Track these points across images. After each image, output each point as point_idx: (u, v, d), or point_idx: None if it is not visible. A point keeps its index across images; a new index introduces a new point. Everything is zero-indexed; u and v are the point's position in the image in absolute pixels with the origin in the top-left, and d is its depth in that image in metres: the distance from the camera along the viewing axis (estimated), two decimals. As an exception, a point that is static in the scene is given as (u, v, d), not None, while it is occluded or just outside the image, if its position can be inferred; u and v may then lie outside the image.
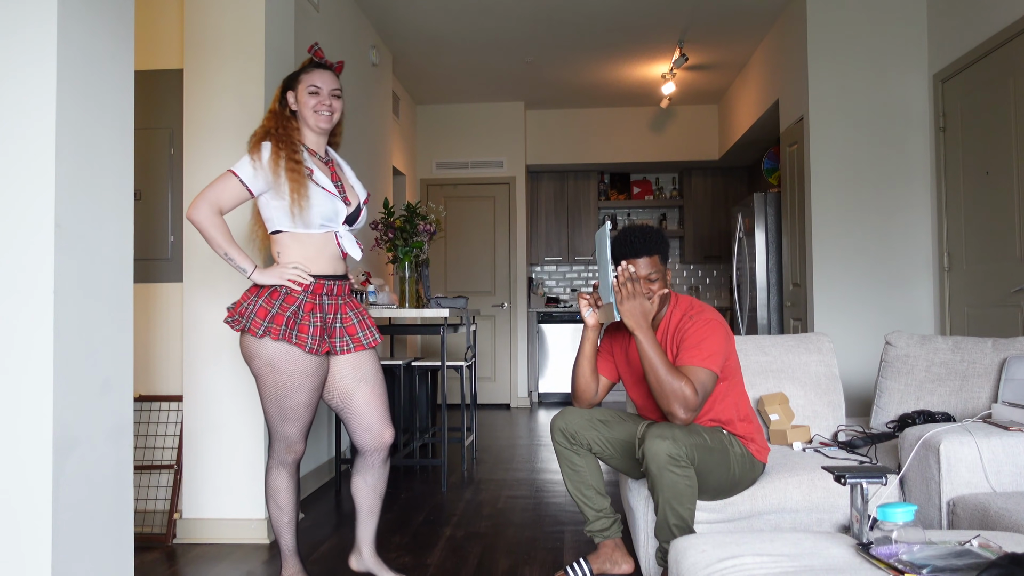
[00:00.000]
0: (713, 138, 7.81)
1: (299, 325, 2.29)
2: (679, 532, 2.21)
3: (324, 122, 2.42)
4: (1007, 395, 2.64)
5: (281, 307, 2.29)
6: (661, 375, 2.25)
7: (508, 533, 3.28)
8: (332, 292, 2.39)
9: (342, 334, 2.40)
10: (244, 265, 2.32)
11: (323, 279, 2.36)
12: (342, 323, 2.41)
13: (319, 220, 2.33)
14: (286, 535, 2.50)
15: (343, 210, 2.38)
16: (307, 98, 2.40)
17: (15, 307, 1.84)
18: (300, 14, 3.97)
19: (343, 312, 2.42)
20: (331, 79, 2.44)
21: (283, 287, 2.31)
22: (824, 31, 4.78)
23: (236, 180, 2.32)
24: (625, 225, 8.30)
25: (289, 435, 2.41)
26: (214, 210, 2.31)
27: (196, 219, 2.30)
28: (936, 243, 4.55)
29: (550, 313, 7.78)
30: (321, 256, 2.37)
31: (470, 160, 7.63)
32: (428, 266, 4.55)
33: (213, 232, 2.30)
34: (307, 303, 2.32)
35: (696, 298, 2.81)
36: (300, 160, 2.32)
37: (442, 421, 4.12)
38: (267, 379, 2.33)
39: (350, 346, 2.41)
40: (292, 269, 2.31)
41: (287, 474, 2.47)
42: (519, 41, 5.91)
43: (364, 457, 2.49)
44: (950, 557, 1.44)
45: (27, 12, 1.85)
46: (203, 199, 2.30)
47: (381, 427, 2.45)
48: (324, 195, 2.33)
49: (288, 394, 2.33)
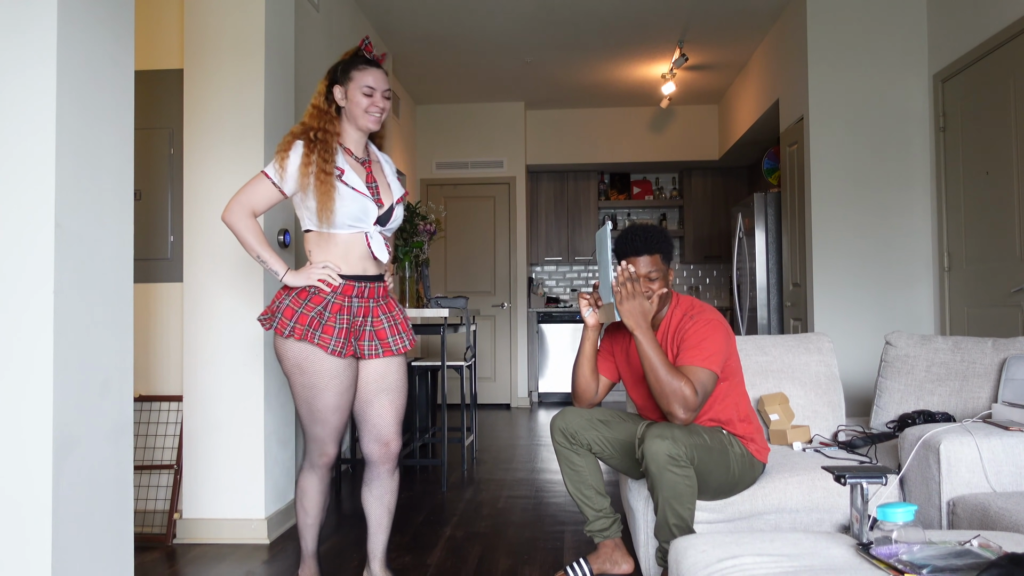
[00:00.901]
0: (713, 138, 7.81)
1: (324, 326, 2.24)
2: (679, 532, 2.21)
3: (375, 124, 2.35)
4: (1007, 395, 2.64)
5: (307, 307, 2.25)
6: (661, 375, 2.25)
7: (508, 533, 3.28)
8: (363, 294, 2.33)
9: (371, 338, 2.34)
10: (276, 268, 2.29)
11: (352, 280, 2.31)
12: (372, 326, 2.35)
13: (347, 220, 2.27)
14: (307, 538, 2.48)
15: (373, 210, 2.31)
16: (360, 98, 2.31)
17: (15, 307, 1.84)
18: (300, 14, 3.97)
19: (375, 315, 2.36)
20: (384, 79, 2.36)
21: (311, 287, 2.27)
22: (824, 31, 4.78)
23: (268, 181, 2.29)
24: (627, 224, 8.34)
25: (320, 437, 2.36)
26: (246, 212, 2.28)
27: (229, 221, 2.28)
28: (936, 243, 4.55)
29: (550, 313, 7.79)
30: (350, 256, 2.31)
31: (470, 160, 7.63)
32: (428, 266, 4.55)
33: (246, 234, 2.28)
34: (334, 304, 2.27)
35: (697, 298, 2.81)
36: (332, 167, 2.26)
37: (442, 421, 4.12)
38: (295, 379, 2.30)
39: (379, 351, 2.34)
40: (322, 269, 2.27)
41: (317, 478, 2.43)
42: (519, 41, 5.91)
43: (371, 468, 2.43)
44: (950, 557, 1.44)
45: (27, 12, 1.86)
46: (236, 201, 2.28)
47: (390, 437, 2.40)
48: (353, 195, 2.27)
49: (316, 395, 2.29)
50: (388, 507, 2.46)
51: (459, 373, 4.81)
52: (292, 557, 2.97)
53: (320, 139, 2.28)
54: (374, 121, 2.34)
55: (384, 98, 2.35)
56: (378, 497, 2.44)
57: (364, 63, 2.35)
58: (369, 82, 2.32)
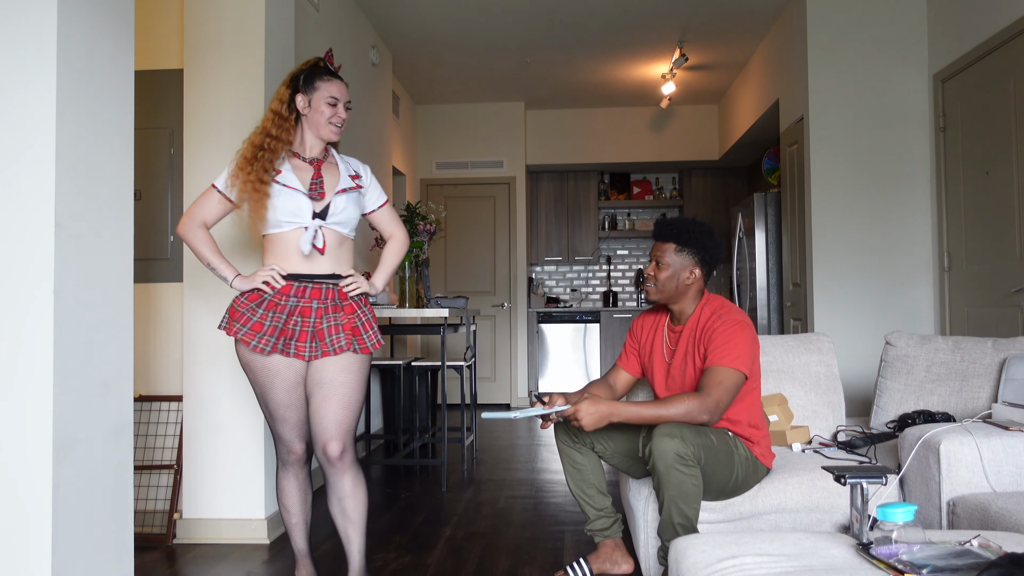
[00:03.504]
0: (713, 138, 7.81)
1: (252, 323, 2.29)
2: (683, 531, 2.21)
3: (335, 135, 2.41)
4: (1007, 395, 2.64)
5: (243, 305, 2.32)
6: (663, 414, 2.26)
7: (508, 533, 3.28)
8: (304, 294, 2.32)
9: (311, 339, 2.30)
10: (225, 274, 2.38)
11: (291, 280, 2.33)
12: (313, 327, 2.31)
13: (282, 217, 2.31)
14: (297, 538, 2.47)
15: (307, 205, 2.31)
16: (324, 108, 2.36)
17: (15, 307, 1.84)
18: (300, 14, 3.97)
19: (317, 315, 2.32)
20: (346, 90, 2.42)
21: (256, 288, 2.33)
22: (824, 31, 4.78)
23: (216, 193, 2.39)
24: (628, 224, 8.34)
25: (282, 435, 2.40)
26: (197, 224, 2.39)
27: (181, 234, 2.41)
28: (936, 243, 4.55)
29: (550, 313, 7.78)
30: (290, 255, 2.34)
31: (470, 160, 7.63)
32: (428, 266, 4.56)
33: (197, 244, 2.39)
34: (269, 301, 2.32)
35: (727, 299, 2.82)
36: (269, 176, 2.31)
37: (442, 421, 4.12)
38: (249, 379, 2.38)
39: (318, 351, 2.31)
40: (267, 271, 2.31)
41: (291, 475, 2.44)
42: (519, 41, 5.91)
43: (324, 472, 2.38)
44: (950, 557, 1.44)
45: (27, 12, 1.85)
46: (187, 215, 2.41)
47: (327, 438, 2.29)
48: (285, 192, 2.30)
49: (265, 393, 2.35)
50: (347, 513, 2.35)
51: (459, 373, 4.81)
52: (292, 557, 2.96)
53: (269, 147, 2.33)
54: (335, 132, 2.41)
55: (346, 109, 2.41)
56: (335, 502, 2.36)
57: (328, 74, 2.41)
58: (334, 92, 2.38)
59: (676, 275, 2.48)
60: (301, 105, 2.37)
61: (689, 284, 2.49)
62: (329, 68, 2.43)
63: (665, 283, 2.48)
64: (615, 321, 7.77)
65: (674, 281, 2.48)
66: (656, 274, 2.48)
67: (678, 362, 2.51)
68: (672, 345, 2.56)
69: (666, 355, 2.57)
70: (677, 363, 2.51)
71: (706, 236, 2.50)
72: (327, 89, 2.37)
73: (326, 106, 2.37)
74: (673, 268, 2.47)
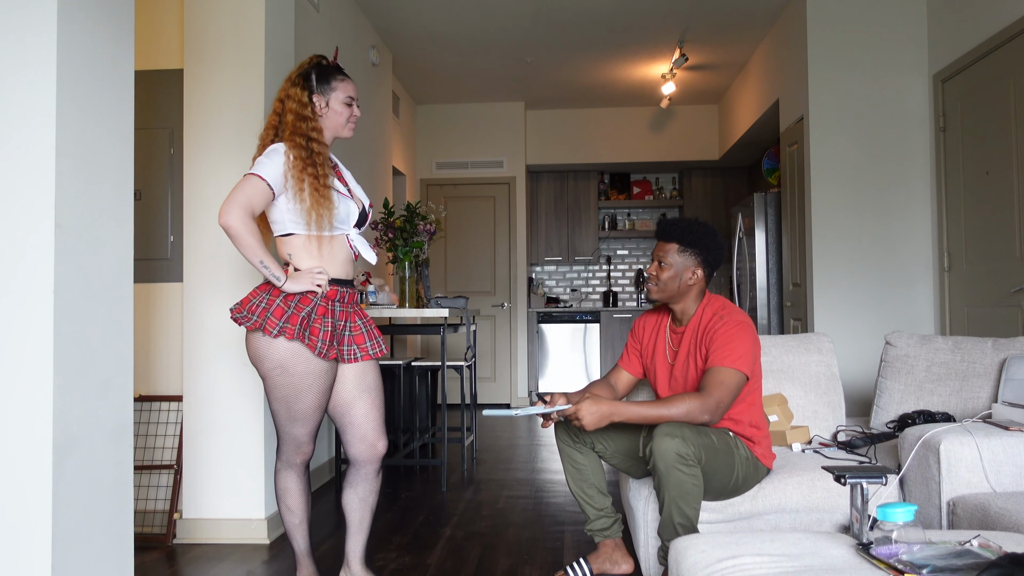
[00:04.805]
0: (713, 138, 7.81)
1: (311, 327, 2.25)
2: (684, 531, 2.21)
3: (351, 133, 2.42)
4: (1007, 395, 2.64)
5: (297, 307, 2.24)
6: (664, 414, 2.26)
7: (508, 533, 3.28)
8: (344, 299, 2.36)
9: (350, 342, 2.38)
10: (278, 273, 2.23)
11: (336, 285, 2.33)
12: (351, 331, 2.38)
13: (336, 223, 2.30)
14: (298, 537, 2.47)
15: (355, 211, 2.36)
16: (342, 108, 2.35)
17: (15, 307, 1.84)
18: (300, 14, 3.97)
19: (352, 320, 2.39)
20: (356, 89, 2.42)
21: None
22: (824, 31, 4.78)
23: (263, 183, 2.20)
24: (628, 224, 8.34)
25: (298, 437, 2.37)
26: (247, 214, 2.17)
27: (231, 224, 2.14)
28: (936, 243, 4.55)
29: (550, 313, 7.78)
30: (336, 260, 2.33)
31: (470, 160, 7.63)
32: (428, 266, 4.55)
33: (249, 238, 2.16)
34: (320, 307, 2.28)
35: (729, 300, 2.83)
36: (327, 171, 2.27)
37: (442, 421, 4.12)
38: (277, 380, 2.28)
39: (357, 355, 2.38)
40: (318, 274, 2.27)
41: (295, 475, 2.43)
42: (519, 41, 5.91)
43: (356, 469, 2.44)
44: (950, 557, 1.44)
45: (27, 13, 1.86)
46: (235, 204, 2.15)
47: (375, 438, 2.41)
48: (338, 197, 2.30)
49: (298, 396, 2.29)
50: (372, 508, 2.48)
51: (459, 373, 4.81)
52: (292, 557, 2.96)
53: (318, 150, 2.28)
54: (351, 131, 2.41)
55: (358, 107, 2.42)
56: (363, 498, 2.45)
57: (341, 73, 2.40)
58: (350, 92, 2.38)
59: (678, 275, 2.48)
60: (319, 106, 2.34)
61: (691, 284, 2.49)
62: (340, 67, 2.41)
63: (667, 283, 2.48)
64: (615, 321, 7.78)
65: (676, 281, 2.48)
66: (658, 274, 2.49)
67: (680, 363, 2.51)
68: (675, 346, 2.56)
69: (669, 356, 2.57)
70: (680, 364, 2.51)
71: (709, 237, 2.50)
72: (344, 89, 2.36)
73: (343, 106, 2.36)
74: (675, 268, 2.48)
